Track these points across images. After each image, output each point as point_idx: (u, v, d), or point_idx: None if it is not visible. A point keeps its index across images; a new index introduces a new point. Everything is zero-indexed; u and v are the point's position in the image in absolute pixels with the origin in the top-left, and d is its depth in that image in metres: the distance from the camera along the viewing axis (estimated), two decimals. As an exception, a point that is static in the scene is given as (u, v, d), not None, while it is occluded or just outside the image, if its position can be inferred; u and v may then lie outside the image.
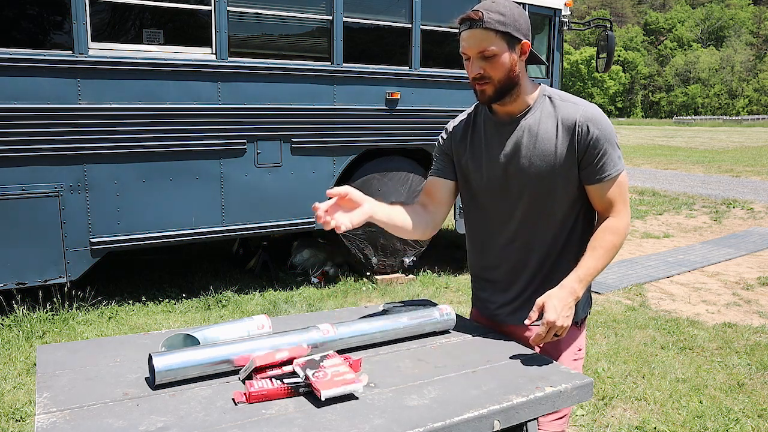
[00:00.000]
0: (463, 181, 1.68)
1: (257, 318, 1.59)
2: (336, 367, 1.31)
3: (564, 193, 1.53)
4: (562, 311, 1.43)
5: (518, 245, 1.61)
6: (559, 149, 1.49)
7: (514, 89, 1.50)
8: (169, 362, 1.31)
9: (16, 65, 3.53)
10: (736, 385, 3.23)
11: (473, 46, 1.45)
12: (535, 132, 1.52)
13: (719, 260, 6.14)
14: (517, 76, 1.48)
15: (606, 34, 5.77)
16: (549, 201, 1.54)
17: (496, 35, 1.43)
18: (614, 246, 1.49)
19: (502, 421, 1.29)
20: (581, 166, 1.50)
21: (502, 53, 1.44)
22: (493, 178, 1.58)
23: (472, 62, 1.47)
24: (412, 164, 5.11)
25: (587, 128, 1.47)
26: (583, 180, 1.52)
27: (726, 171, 14.64)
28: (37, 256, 3.71)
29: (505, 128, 1.55)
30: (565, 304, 1.44)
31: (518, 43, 1.46)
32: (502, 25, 1.43)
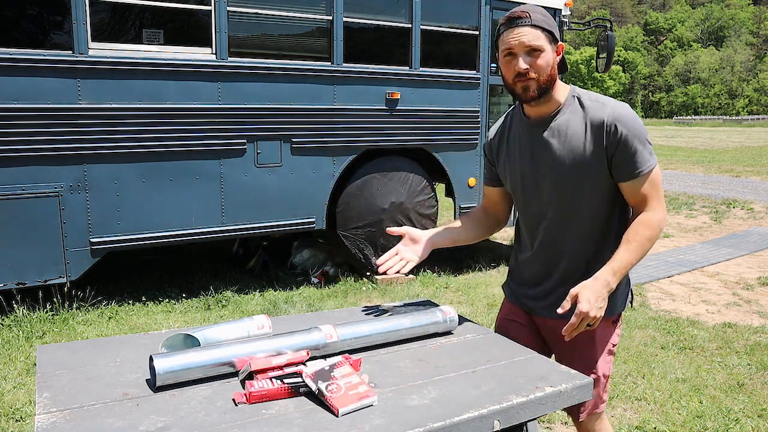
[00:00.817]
0: (504, 184, 1.77)
1: (257, 318, 1.59)
2: (348, 377, 1.30)
3: (593, 193, 1.56)
4: (596, 302, 1.45)
5: (552, 243, 1.65)
6: (588, 149, 1.53)
7: (552, 88, 1.54)
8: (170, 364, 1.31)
9: (17, 65, 3.53)
10: (736, 385, 3.23)
11: (522, 41, 1.48)
12: (564, 132, 1.55)
13: (719, 260, 6.14)
14: (555, 75, 1.53)
15: (606, 34, 5.76)
16: (578, 200, 1.58)
17: (542, 32, 1.48)
18: (648, 239, 1.52)
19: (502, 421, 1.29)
20: (613, 165, 1.52)
21: (546, 50, 1.49)
22: (526, 179, 1.64)
23: (518, 59, 1.49)
24: (412, 164, 5.11)
25: (615, 128, 1.49)
26: (615, 178, 1.54)
27: (726, 171, 14.63)
28: (37, 256, 3.71)
29: (536, 129, 1.60)
30: (599, 296, 1.46)
31: (556, 44, 1.53)
32: (547, 24, 1.49)
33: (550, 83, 1.52)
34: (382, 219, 4.95)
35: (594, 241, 1.62)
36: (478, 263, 5.71)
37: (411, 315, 1.68)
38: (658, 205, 1.54)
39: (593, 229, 1.61)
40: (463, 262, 5.79)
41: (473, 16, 5.18)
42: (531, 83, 1.50)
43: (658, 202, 1.55)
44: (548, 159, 1.58)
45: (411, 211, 5.09)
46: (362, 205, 4.87)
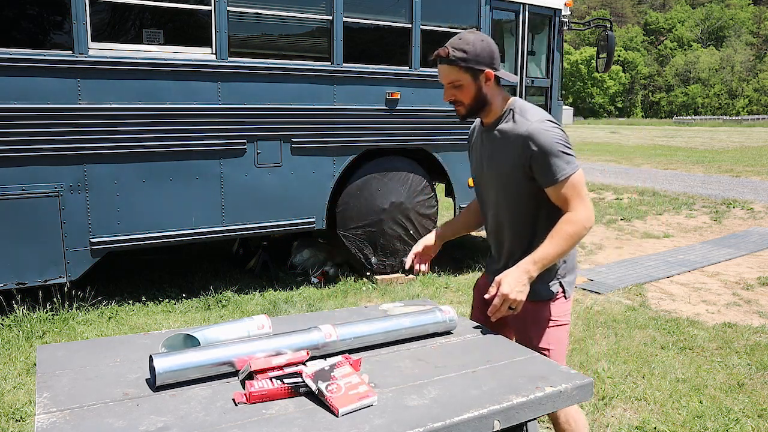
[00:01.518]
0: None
1: (257, 318, 1.59)
2: (348, 377, 1.30)
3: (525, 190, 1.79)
4: (515, 287, 1.68)
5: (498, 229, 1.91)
6: (513, 159, 1.77)
7: (485, 107, 1.82)
8: (170, 364, 1.31)
9: (16, 65, 3.52)
10: (736, 385, 3.23)
11: (443, 77, 1.79)
12: (501, 140, 1.81)
13: (719, 260, 6.14)
14: (485, 97, 1.79)
15: (606, 34, 5.76)
16: (515, 196, 1.82)
17: (460, 69, 1.74)
18: (570, 234, 1.71)
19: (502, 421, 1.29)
20: (534, 174, 1.75)
21: (467, 83, 1.76)
22: (481, 174, 1.93)
23: (445, 89, 1.80)
24: (412, 164, 5.10)
25: (529, 145, 1.72)
26: (539, 184, 1.76)
27: (726, 171, 14.62)
28: (37, 256, 3.70)
29: (486, 134, 1.89)
30: (519, 281, 1.69)
31: (481, 73, 1.75)
32: (464, 61, 1.73)
33: (480, 105, 1.80)
34: (382, 219, 4.95)
35: (527, 234, 1.83)
36: (477, 263, 5.71)
37: (411, 315, 1.68)
38: (580, 205, 1.72)
39: (525, 224, 1.83)
40: (462, 262, 5.79)
41: (473, 16, 5.18)
42: (459, 108, 1.82)
43: (580, 203, 1.72)
44: (491, 160, 1.86)
45: (411, 211, 5.09)
46: (362, 205, 4.87)
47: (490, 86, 1.78)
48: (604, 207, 9.50)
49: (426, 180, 5.18)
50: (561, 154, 1.70)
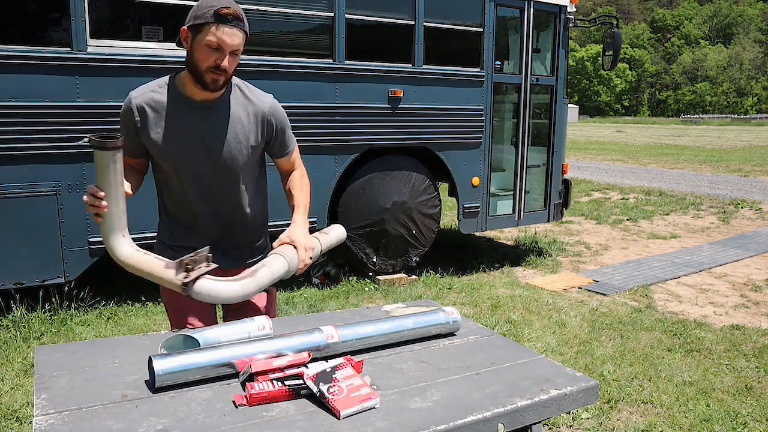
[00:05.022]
0: (156, 156, 1.80)
1: (258, 319, 1.58)
2: (349, 379, 1.30)
3: (249, 164, 1.83)
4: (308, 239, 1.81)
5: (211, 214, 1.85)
6: (251, 135, 1.79)
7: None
8: (170, 365, 1.31)
9: (14, 62, 3.50)
10: (744, 388, 3.19)
11: (231, 43, 1.63)
12: (229, 117, 1.76)
13: (727, 261, 6.07)
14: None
15: (612, 31, 5.71)
16: (236, 175, 1.82)
17: (243, 36, 1.66)
18: (308, 184, 1.97)
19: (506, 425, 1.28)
20: (270, 146, 1.86)
21: (239, 52, 1.68)
22: (192, 156, 1.76)
23: (223, 55, 1.63)
24: (415, 163, 5.06)
25: (272, 120, 1.82)
26: (273, 155, 1.91)
27: (734, 170, 14.52)
28: (35, 256, 3.68)
29: (202, 111, 1.74)
30: (306, 233, 1.82)
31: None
32: (247, 27, 1.67)
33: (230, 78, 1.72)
34: (384, 219, 4.90)
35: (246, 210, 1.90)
36: (481, 264, 5.67)
37: (413, 316, 1.66)
38: (302, 166, 1.98)
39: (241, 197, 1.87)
40: (466, 262, 5.75)
41: (477, 13, 5.12)
42: (221, 78, 1.66)
43: (301, 164, 1.98)
44: (219, 141, 1.75)
45: (414, 210, 5.04)
46: (364, 204, 4.83)
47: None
48: (609, 207, 9.43)
49: (429, 179, 5.13)
50: (290, 127, 1.90)
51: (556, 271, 5.61)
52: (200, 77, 1.66)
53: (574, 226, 7.91)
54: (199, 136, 1.74)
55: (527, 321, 4.18)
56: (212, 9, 1.59)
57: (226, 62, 1.63)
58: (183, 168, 1.77)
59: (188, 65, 1.68)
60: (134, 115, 1.72)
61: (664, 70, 79.63)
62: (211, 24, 1.59)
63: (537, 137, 5.76)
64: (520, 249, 6.46)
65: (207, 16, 1.59)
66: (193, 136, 1.74)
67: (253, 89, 1.82)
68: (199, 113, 1.74)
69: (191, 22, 1.63)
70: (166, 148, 1.74)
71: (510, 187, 5.66)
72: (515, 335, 3.87)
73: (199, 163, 1.76)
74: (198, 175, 1.78)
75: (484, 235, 7.14)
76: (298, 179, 1.94)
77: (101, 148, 1.50)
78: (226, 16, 1.59)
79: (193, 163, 1.76)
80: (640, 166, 15.81)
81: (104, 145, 1.50)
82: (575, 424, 2.80)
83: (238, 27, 1.62)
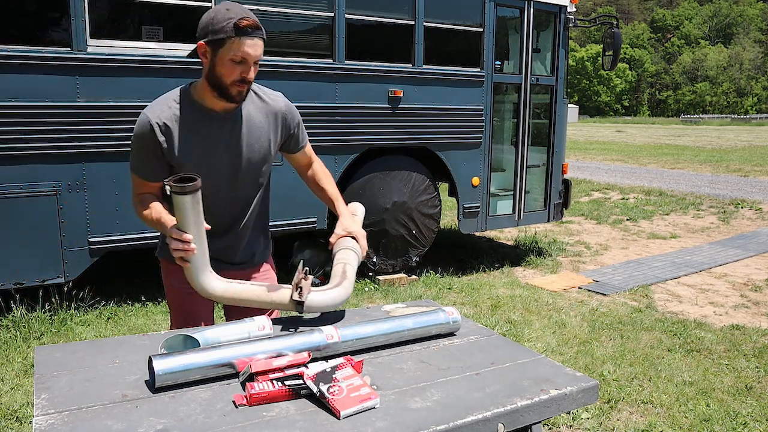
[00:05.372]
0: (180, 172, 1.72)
1: (258, 319, 1.58)
2: (349, 379, 1.30)
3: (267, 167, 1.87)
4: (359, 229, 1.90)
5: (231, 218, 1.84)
6: (271, 136, 1.81)
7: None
8: (170, 365, 1.31)
9: (13, 62, 3.49)
10: (744, 388, 3.19)
11: (257, 54, 1.62)
12: (249, 122, 1.76)
13: (727, 261, 6.07)
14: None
15: (612, 31, 5.71)
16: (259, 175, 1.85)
17: (263, 44, 1.64)
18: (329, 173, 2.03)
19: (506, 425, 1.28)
20: (287, 143, 1.88)
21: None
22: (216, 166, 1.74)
23: (249, 68, 1.62)
24: (415, 163, 5.06)
25: (287, 118, 1.84)
26: (290, 151, 1.92)
27: (734, 170, 14.52)
28: (35, 256, 3.68)
29: (224, 121, 1.72)
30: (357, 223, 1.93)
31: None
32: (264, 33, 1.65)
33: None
34: (384, 219, 4.90)
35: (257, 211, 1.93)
36: (481, 264, 5.66)
37: (413, 316, 1.66)
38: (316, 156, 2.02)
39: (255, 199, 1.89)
40: (466, 262, 5.74)
41: (477, 13, 5.12)
42: (245, 89, 1.66)
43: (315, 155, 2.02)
44: (241, 148, 1.75)
45: (414, 210, 5.04)
46: (364, 204, 4.81)
47: None
48: (609, 207, 9.43)
49: (429, 179, 5.13)
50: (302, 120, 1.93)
51: (556, 271, 5.61)
52: (225, 91, 1.64)
53: (574, 226, 7.91)
54: (224, 146, 1.73)
55: (527, 321, 4.18)
56: (231, 22, 1.55)
57: (251, 74, 1.62)
58: (211, 179, 1.72)
59: (210, 79, 1.64)
60: (157, 135, 1.66)
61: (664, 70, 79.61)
62: (233, 38, 1.56)
63: (537, 137, 5.76)
64: (520, 249, 6.46)
65: (227, 30, 1.56)
66: (218, 147, 1.72)
67: (264, 89, 1.82)
68: (220, 123, 1.72)
69: (210, 37, 1.59)
70: (192, 163, 1.70)
71: (510, 187, 5.66)
72: (515, 335, 3.87)
73: (225, 171, 1.75)
74: (221, 184, 1.76)
75: (484, 235, 7.13)
76: (322, 171, 1.98)
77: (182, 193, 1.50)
78: (247, 28, 1.56)
79: (219, 173, 1.74)
80: (640, 166, 15.81)
81: (184, 190, 1.50)
82: (575, 424, 2.80)
83: (258, 36, 1.59)
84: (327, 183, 1.96)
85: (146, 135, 1.67)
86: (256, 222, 1.93)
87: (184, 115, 1.69)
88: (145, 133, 1.67)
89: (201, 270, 1.62)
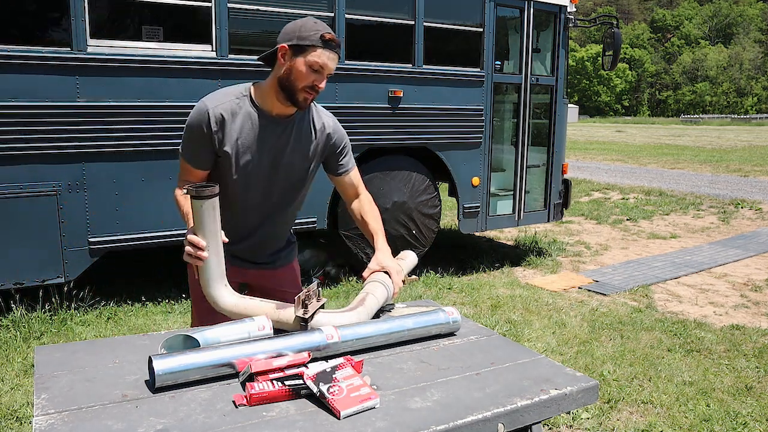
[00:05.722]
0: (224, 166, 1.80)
1: (258, 319, 1.57)
2: (349, 379, 1.30)
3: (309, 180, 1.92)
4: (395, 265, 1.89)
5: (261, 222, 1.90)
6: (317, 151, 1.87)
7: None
8: (170, 365, 1.31)
9: (14, 62, 3.49)
10: (744, 388, 3.18)
11: (332, 67, 1.72)
12: (300, 133, 1.83)
13: (727, 261, 6.07)
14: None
15: (612, 31, 5.71)
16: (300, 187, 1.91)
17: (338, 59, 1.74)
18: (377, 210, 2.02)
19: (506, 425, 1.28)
20: (327, 161, 1.93)
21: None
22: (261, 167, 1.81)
23: (322, 77, 1.71)
24: (415, 163, 5.06)
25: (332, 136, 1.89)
26: (330, 171, 1.95)
27: (734, 170, 14.52)
28: (35, 256, 3.67)
29: (277, 127, 1.79)
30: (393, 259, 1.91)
31: None
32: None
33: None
34: (384, 219, 4.88)
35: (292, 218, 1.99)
36: (481, 264, 5.66)
37: (413, 316, 1.66)
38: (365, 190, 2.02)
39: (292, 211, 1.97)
40: (466, 262, 5.74)
41: (477, 13, 5.12)
42: (311, 98, 1.73)
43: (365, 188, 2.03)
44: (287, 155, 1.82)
45: (414, 210, 5.04)
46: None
47: None
48: (609, 207, 9.43)
49: (429, 179, 5.13)
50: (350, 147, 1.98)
51: (556, 271, 5.61)
52: (293, 94, 1.71)
53: (574, 226, 7.91)
54: (268, 147, 1.79)
55: (527, 321, 4.18)
56: (318, 33, 1.67)
57: (323, 84, 1.70)
58: (249, 178, 1.80)
59: (282, 81, 1.71)
60: (212, 124, 1.72)
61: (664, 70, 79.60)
62: (318, 47, 1.67)
63: (537, 137, 5.76)
64: (520, 249, 6.46)
65: (314, 39, 1.67)
66: (262, 148, 1.78)
67: (319, 107, 1.90)
68: (273, 127, 1.78)
69: (295, 41, 1.67)
70: (237, 159, 1.76)
71: (510, 187, 5.66)
72: (515, 335, 3.87)
73: (266, 174, 1.81)
74: (257, 185, 1.82)
75: (484, 235, 7.13)
76: (368, 204, 1.99)
77: (198, 198, 1.51)
78: (332, 42, 1.68)
79: (259, 174, 1.80)
80: (640, 166, 15.81)
81: (201, 194, 1.51)
82: (575, 424, 2.80)
83: (337, 53, 1.71)
84: (371, 217, 1.97)
85: (200, 121, 1.73)
86: (284, 228, 1.99)
87: (240, 111, 1.75)
88: (200, 120, 1.73)
89: (215, 282, 1.61)
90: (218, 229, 1.59)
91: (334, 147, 1.90)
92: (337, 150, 1.91)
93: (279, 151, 1.80)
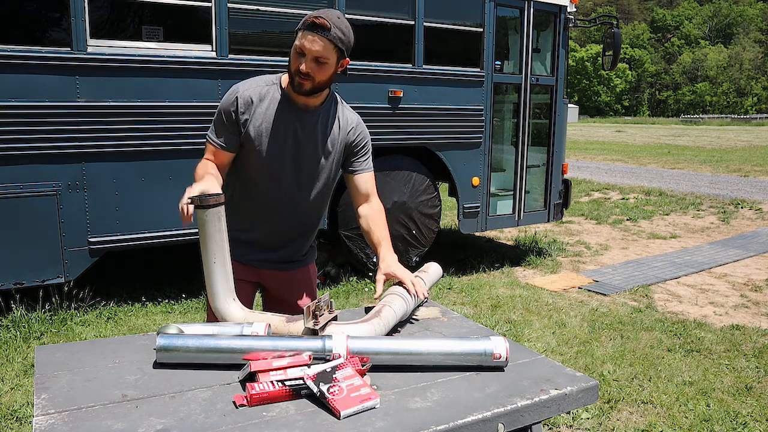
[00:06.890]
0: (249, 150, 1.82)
1: (255, 325, 1.56)
2: (350, 379, 1.29)
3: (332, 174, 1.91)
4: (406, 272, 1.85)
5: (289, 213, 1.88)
6: (338, 147, 1.87)
7: (324, 90, 1.79)
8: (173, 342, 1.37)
9: (14, 62, 3.49)
10: (744, 388, 3.18)
11: (313, 49, 1.67)
12: (324, 125, 1.84)
13: (727, 261, 6.07)
14: (332, 81, 1.77)
15: (612, 31, 5.70)
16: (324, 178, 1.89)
17: (333, 48, 1.69)
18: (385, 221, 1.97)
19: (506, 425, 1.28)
20: (345, 158, 1.91)
21: (331, 63, 1.71)
22: (283, 154, 1.81)
23: (305, 60, 1.69)
24: (415, 163, 5.06)
25: (355, 133, 1.89)
26: (350, 170, 1.92)
27: (734, 170, 14.52)
28: (35, 256, 3.67)
29: (304, 116, 1.81)
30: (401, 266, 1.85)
31: (343, 59, 1.76)
32: (341, 43, 1.70)
33: (324, 86, 1.76)
34: (384, 218, 4.90)
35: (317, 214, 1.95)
36: (481, 264, 5.66)
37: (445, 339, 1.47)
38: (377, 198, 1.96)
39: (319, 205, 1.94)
40: (466, 262, 5.74)
41: (477, 14, 5.12)
42: (306, 83, 1.71)
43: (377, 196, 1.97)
44: (309, 145, 1.82)
45: (414, 210, 5.04)
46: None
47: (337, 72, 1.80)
48: (609, 207, 9.43)
49: (429, 179, 5.13)
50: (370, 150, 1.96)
51: (556, 271, 5.61)
52: (292, 79, 1.74)
53: (574, 226, 7.91)
54: (294, 137, 1.80)
55: (527, 321, 4.18)
56: (308, 17, 1.69)
57: (304, 66, 1.68)
58: (271, 168, 1.81)
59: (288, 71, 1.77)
60: (240, 105, 1.76)
61: (664, 70, 79.59)
62: (300, 30, 1.69)
63: (537, 137, 5.76)
64: (520, 249, 6.46)
65: (300, 23, 1.70)
66: (287, 137, 1.80)
67: (346, 105, 1.92)
68: (298, 116, 1.80)
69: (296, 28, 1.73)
70: (261, 143, 1.78)
71: (510, 187, 5.66)
72: (515, 335, 3.87)
73: (286, 163, 1.82)
74: (282, 176, 1.83)
75: (484, 235, 7.13)
76: (378, 212, 1.93)
77: (202, 206, 1.50)
78: (312, 23, 1.67)
79: (282, 163, 1.81)
80: (640, 166, 15.80)
81: (206, 202, 1.49)
82: (575, 424, 2.80)
83: (320, 34, 1.66)
84: (376, 226, 1.91)
85: (229, 103, 1.77)
86: (307, 227, 1.96)
87: (270, 97, 1.79)
88: (229, 101, 1.77)
89: (224, 296, 1.60)
90: (225, 240, 1.57)
91: (354, 144, 1.90)
92: (357, 148, 1.90)
93: (302, 142, 1.81)
